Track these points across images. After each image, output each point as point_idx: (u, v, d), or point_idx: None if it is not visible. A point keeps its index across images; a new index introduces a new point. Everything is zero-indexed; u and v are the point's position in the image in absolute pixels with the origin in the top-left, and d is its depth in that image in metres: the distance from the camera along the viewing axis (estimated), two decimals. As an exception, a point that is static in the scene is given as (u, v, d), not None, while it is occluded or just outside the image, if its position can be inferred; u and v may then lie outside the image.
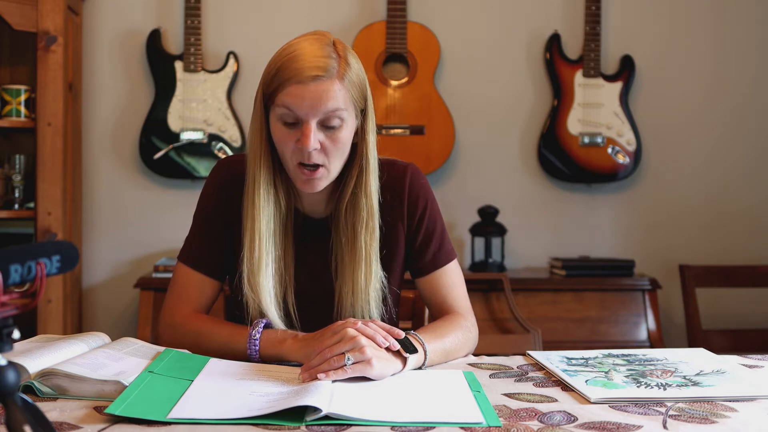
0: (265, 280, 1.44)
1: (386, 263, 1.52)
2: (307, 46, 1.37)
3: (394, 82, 3.27)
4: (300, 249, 1.52)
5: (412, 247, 1.56)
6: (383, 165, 1.52)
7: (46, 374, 1.16)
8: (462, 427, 1.03)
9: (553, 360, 1.38)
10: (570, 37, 3.39)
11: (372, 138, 1.46)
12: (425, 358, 1.34)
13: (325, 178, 1.42)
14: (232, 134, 3.23)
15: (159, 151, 3.20)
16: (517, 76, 3.41)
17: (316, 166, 1.40)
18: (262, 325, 1.39)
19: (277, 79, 1.36)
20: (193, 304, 1.52)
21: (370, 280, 1.46)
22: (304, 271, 1.51)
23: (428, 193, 1.57)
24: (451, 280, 1.57)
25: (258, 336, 1.37)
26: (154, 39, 3.24)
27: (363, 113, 1.44)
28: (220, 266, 1.54)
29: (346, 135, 1.40)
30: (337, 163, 1.42)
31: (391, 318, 1.56)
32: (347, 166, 1.47)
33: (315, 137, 1.36)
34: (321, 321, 1.45)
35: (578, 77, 3.32)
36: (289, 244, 1.49)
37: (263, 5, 3.35)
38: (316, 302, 1.51)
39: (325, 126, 1.38)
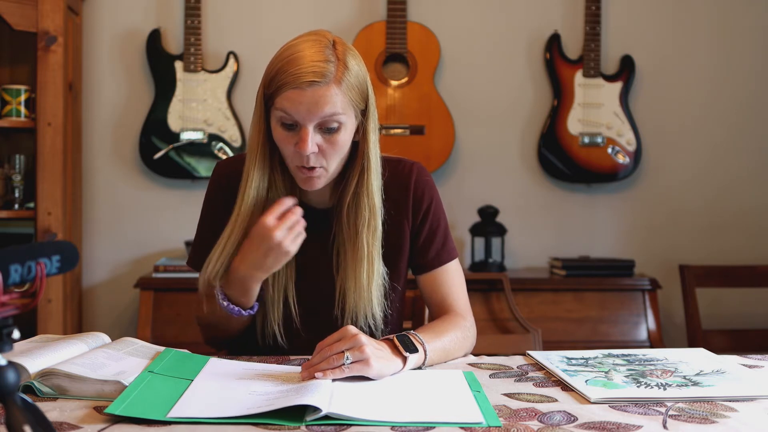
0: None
1: (391, 260, 1.53)
2: (307, 49, 1.37)
3: (394, 82, 3.27)
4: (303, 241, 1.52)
5: (416, 244, 1.57)
6: (387, 162, 1.53)
7: (46, 374, 1.16)
8: (462, 427, 1.03)
9: (553, 360, 1.38)
10: (570, 37, 3.39)
11: (373, 138, 1.46)
12: (425, 357, 1.34)
13: (324, 177, 1.43)
14: (232, 134, 3.23)
15: (159, 151, 3.20)
16: (517, 76, 3.41)
17: (314, 167, 1.41)
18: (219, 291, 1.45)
19: (276, 82, 1.37)
20: None
21: (372, 278, 1.47)
22: (305, 265, 1.51)
23: (433, 191, 1.58)
24: (452, 278, 1.58)
25: (222, 296, 1.44)
26: (154, 39, 3.24)
27: (364, 113, 1.44)
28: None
29: (345, 138, 1.41)
30: (335, 164, 1.43)
31: (394, 315, 1.56)
32: (349, 165, 1.48)
33: (312, 141, 1.37)
34: (321, 315, 1.49)
35: (578, 77, 3.32)
36: None
37: (263, 5, 3.35)
38: (317, 296, 1.52)
39: (323, 129, 1.38)
